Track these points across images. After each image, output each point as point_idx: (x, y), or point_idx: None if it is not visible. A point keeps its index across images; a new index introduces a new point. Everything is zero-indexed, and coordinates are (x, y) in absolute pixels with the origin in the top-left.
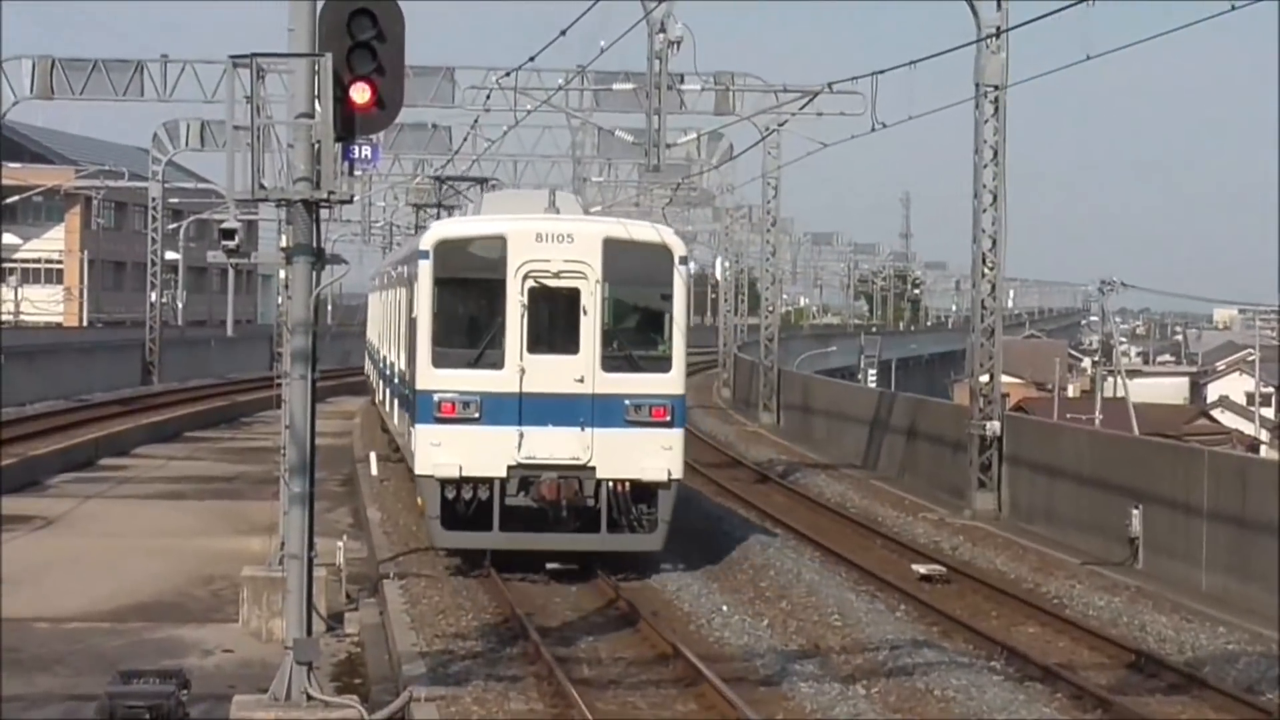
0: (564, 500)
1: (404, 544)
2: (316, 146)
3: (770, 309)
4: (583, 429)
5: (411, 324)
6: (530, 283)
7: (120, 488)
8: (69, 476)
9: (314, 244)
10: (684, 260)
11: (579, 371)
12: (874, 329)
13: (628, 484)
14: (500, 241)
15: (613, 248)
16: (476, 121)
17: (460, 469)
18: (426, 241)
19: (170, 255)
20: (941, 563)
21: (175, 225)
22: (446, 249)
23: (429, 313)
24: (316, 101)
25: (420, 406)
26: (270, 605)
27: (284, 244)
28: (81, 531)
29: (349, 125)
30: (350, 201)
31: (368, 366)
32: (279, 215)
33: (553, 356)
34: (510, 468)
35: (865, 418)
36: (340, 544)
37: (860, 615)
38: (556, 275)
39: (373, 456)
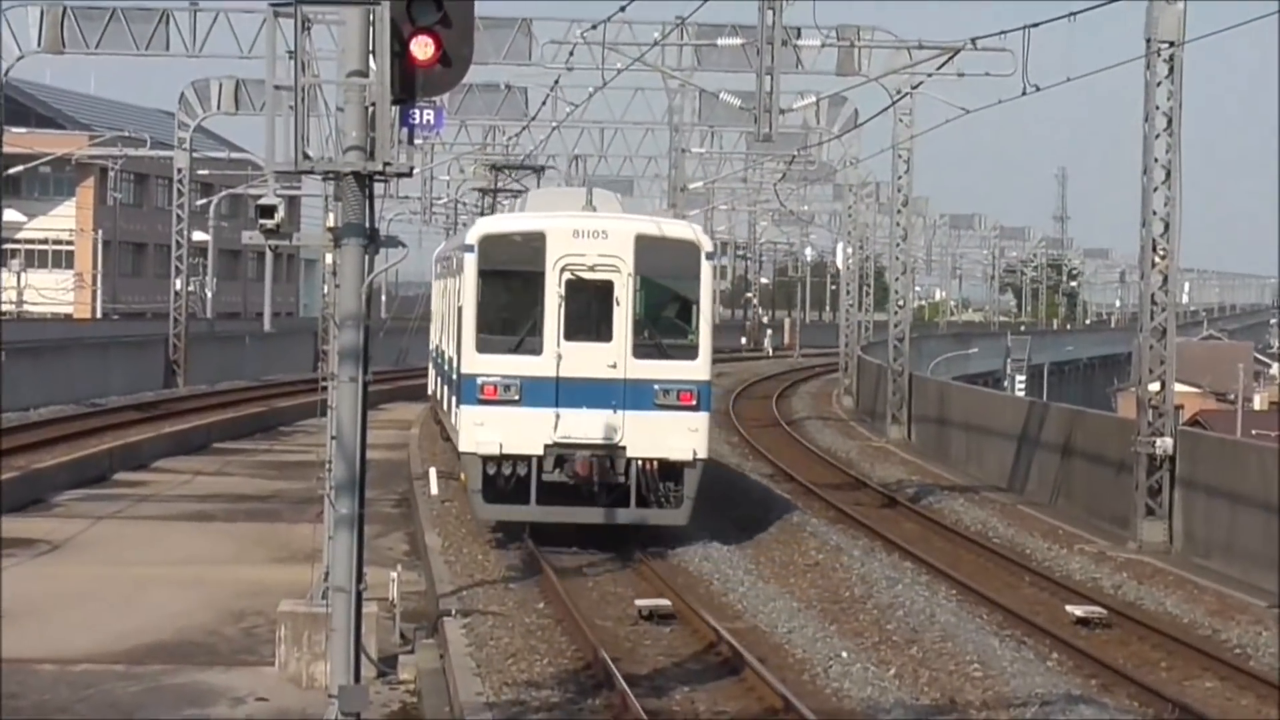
0: (596, 477)
1: (469, 575)
2: (370, 110)
3: (900, 303)
4: (615, 411)
5: (458, 312)
6: (567, 275)
7: (138, 507)
8: (79, 493)
9: (366, 224)
10: (710, 255)
11: (612, 358)
12: (1022, 328)
13: (656, 463)
14: (540, 237)
15: (644, 243)
16: (557, 82)
17: (501, 447)
18: (471, 236)
19: (199, 236)
20: (1101, 604)
21: (205, 201)
22: (490, 243)
23: (473, 302)
24: (371, 58)
25: (465, 389)
26: (312, 646)
27: (331, 224)
28: (92, 558)
29: (409, 85)
30: (409, 175)
31: (430, 366)
32: (326, 191)
33: (588, 344)
34: (547, 446)
35: (1012, 432)
36: (394, 575)
37: (1004, 664)
38: (592, 269)
39: (433, 473)
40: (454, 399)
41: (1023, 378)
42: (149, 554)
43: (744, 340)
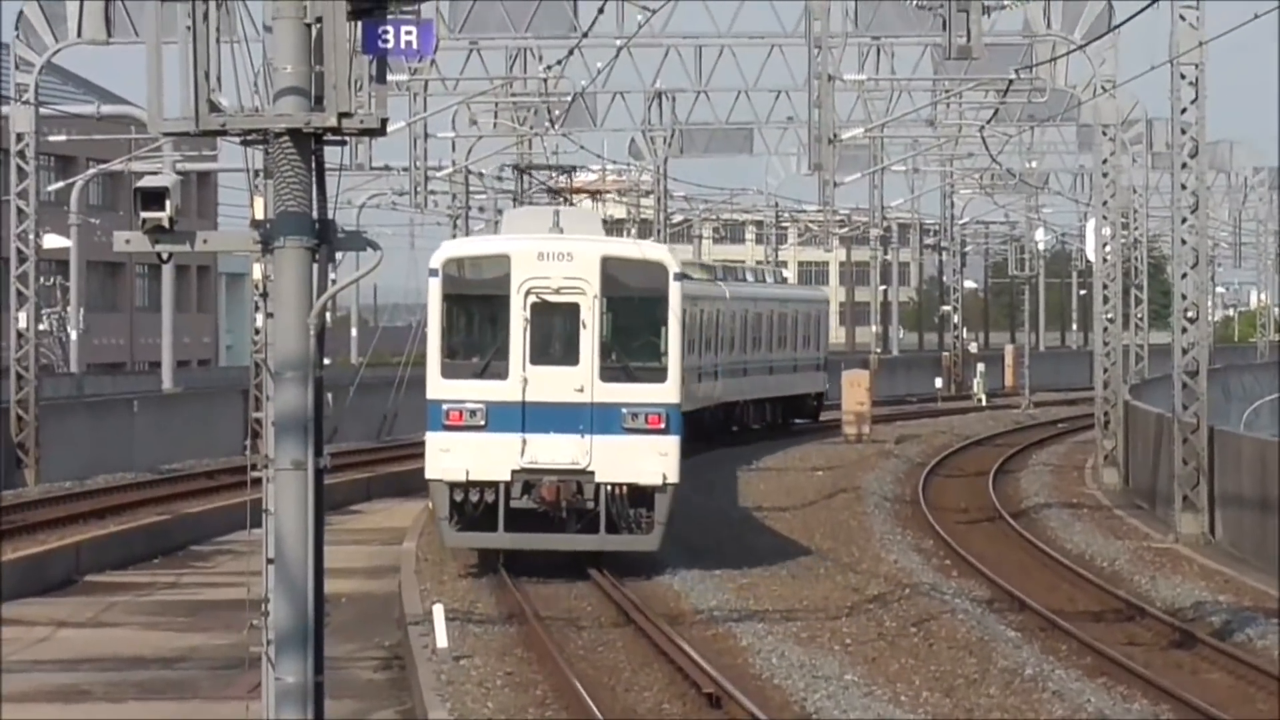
0: (564, 502)
1: None
2: (316, 30)
3: (1192, 314)
4: (582, 435)
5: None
6: (533, 298)
7: None
8: None
9: (314, 213)
10: (679, 276)
11: (579, 381)
12: None
13: (625, 488)
14: (505, 259)
15: (610, 265)
16: None
17: (468, 473)
18: (436, 260)
19: (54, 242)
20: None
21: (62, 185)
22: (454, 267)
23: (438, 326)
24: None
25: (430, 415)
26: None
27: (259, 215)
28: None
29: None
30: (382, 133)
31: None
32: (250, 163)
33: (554, 368)
34: (514, 472)
35: None
36: None
37: None
38: (557, 291)
39: (438, 614)
40: None
41: None
42: None
43: (939, 384)
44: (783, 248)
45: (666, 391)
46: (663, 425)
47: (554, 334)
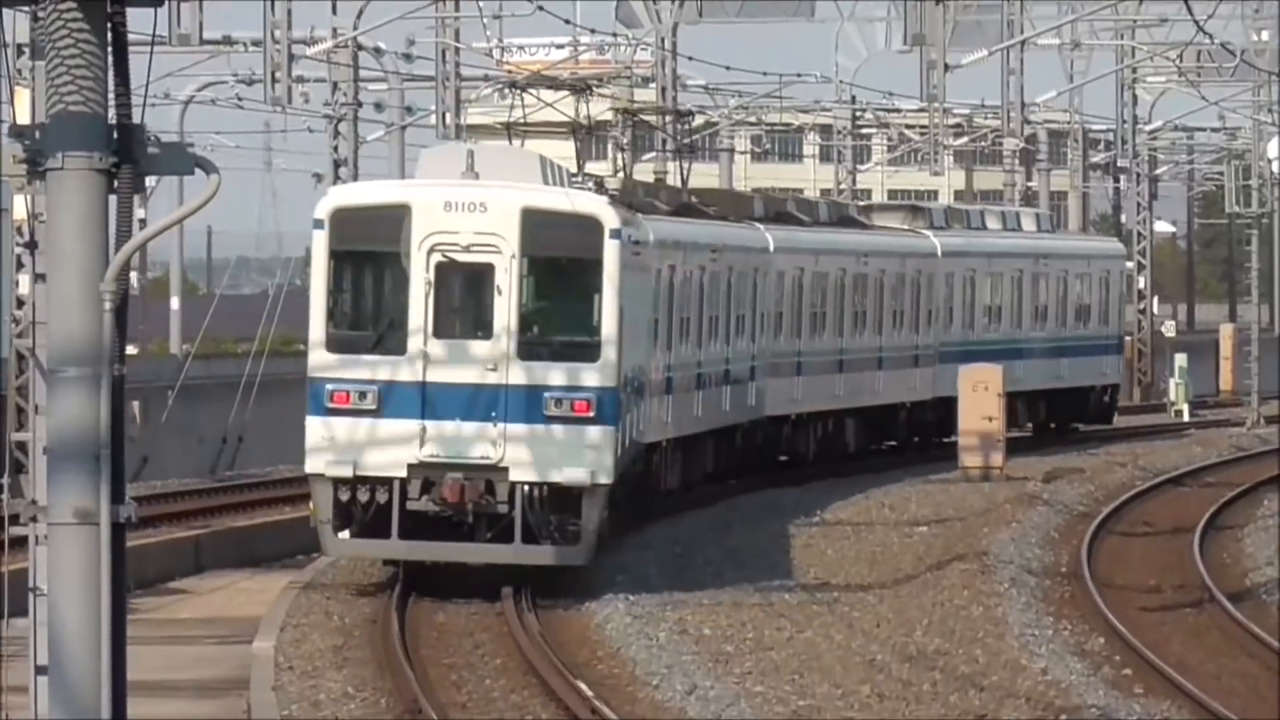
0: (470, 504)
1: None
2: None
3: None
4: (495, 424)
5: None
6: (437, 257)
7: None
8: None
9: (110, 114)
10: (617, 233)
11: (491, 358)
12: None
13: (546, 488)
14: (403, 210)
15: (533, 219)
16: None
17: (355, 467)
18: (321, 209)
19: None
20: None
21: None
22: (343, 218)
23: (323, 290)
24: None
25: (311, 396)
26: None
27: (21, 117)
28: None
29: None
30: None
31: None
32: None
33: (462, 341)
34: (411, 466)
35: None
36: None
37: None
38: (467, 249)
39: None
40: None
41: None
42: None
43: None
44: (863, 169)
45: (600, 373)
46: (593, 413)
47: (463, 301)
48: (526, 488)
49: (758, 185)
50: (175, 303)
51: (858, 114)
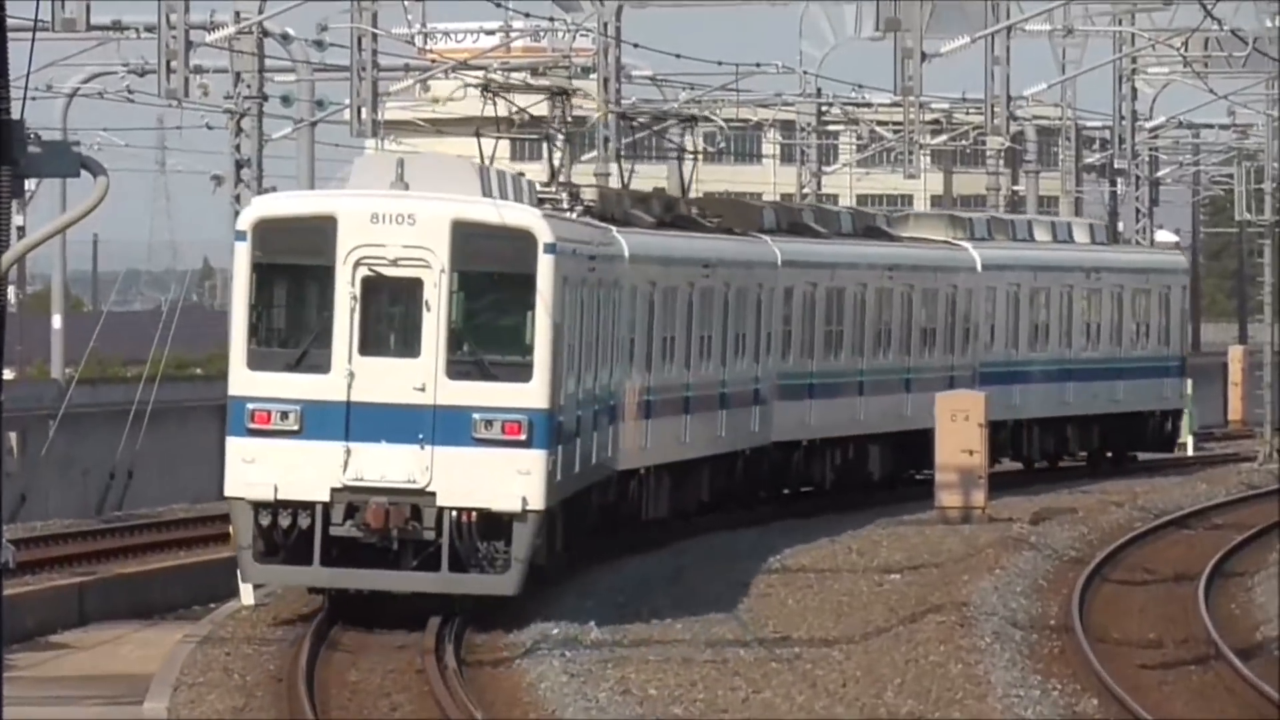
0: (395, 530)
1: None
2: None
3: None
4: (422, 447)
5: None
6: (364, 271)
7: None
8: None
9: None
10: (551, 247)
11: (419, 378)
12: None
13: (474, 514)
14: (328, 222)
15: (463, 232)
16: None
17: (276, 490)
18: (243, 220)
19: None
20: None
21: None
22: (266, 229)
23: (244, 304)
24: None
25: (232, 415)
26: None
27: None
28: None
29: None
30: None
31: None
32: None
33: (388, 359)
34: (335, 490)
35: None
36: None
37: None
38: (395, 263)
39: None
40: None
41: None
42: None
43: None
44: (829, 170)
45: (532, 393)
46: (524, 436)
47: (389, 317)
48: (454, 513)
49: (710, 190)
50: (57, 321)
51: (824, 109)
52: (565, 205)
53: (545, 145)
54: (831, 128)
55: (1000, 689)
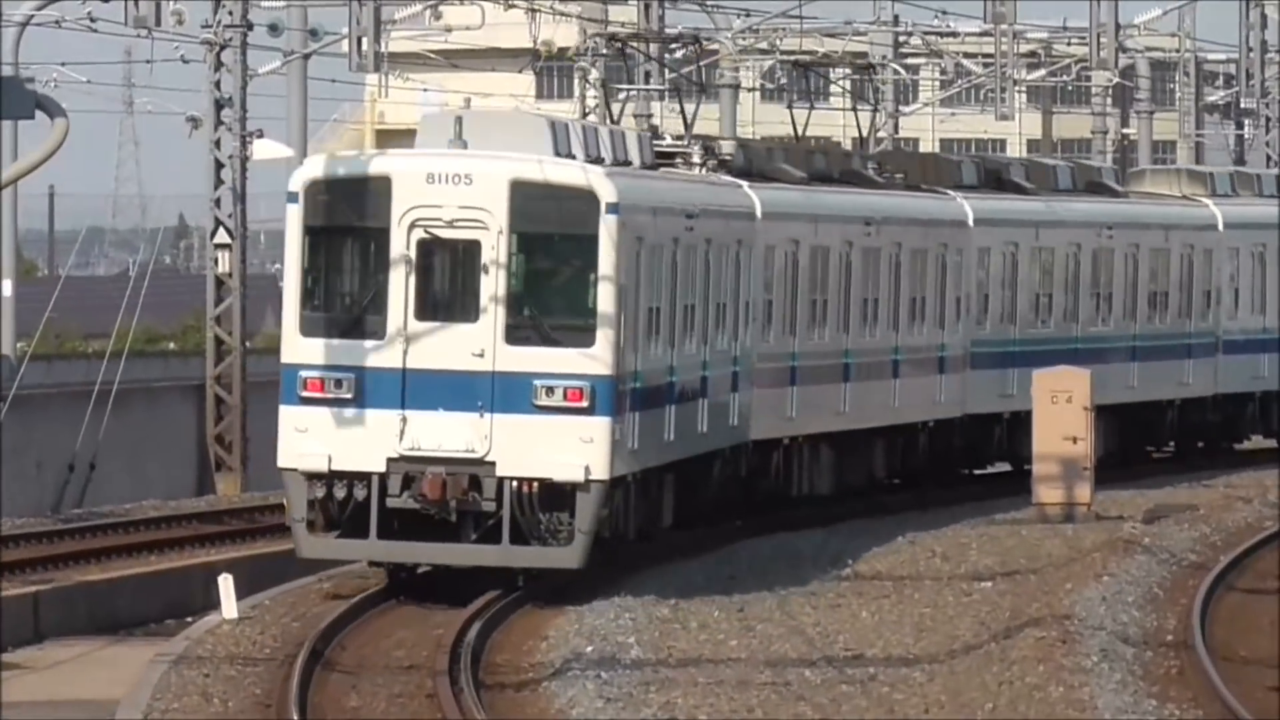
0: (453, 501)
1: None
2: None
3: None
4: (480, 415)
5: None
6: (419, 233)
7: None
8: None
9: None
10: (614, 208)
11: (477, 343)
12: None
13: (536, 484)
14: (383, 183)
15: (522, 192)
16: None
17: (330, 461)
18: (294, 182)
19: None
20: None
21: None
22: (318, 191)
23: (297, 269)
24: None
25: (285, 383)
26: None
27: None
28: None
29: None
30: None
31: None
32: None
33: (445, 324)
34: (391, 460)
35: None
36: None
37: None
38: (451, 224)
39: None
40: None
41: None
42: None
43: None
44: (907, 110)
45: (595, 359)
46: (587, 403)
47: (446, 281)
48: (515, 484)
49: (768, 133)
50: (7, 287)
51: (901, 39)
52: (697, 160)
53: (576, 77)
54: (910, 62)
55: (1109, 715)
